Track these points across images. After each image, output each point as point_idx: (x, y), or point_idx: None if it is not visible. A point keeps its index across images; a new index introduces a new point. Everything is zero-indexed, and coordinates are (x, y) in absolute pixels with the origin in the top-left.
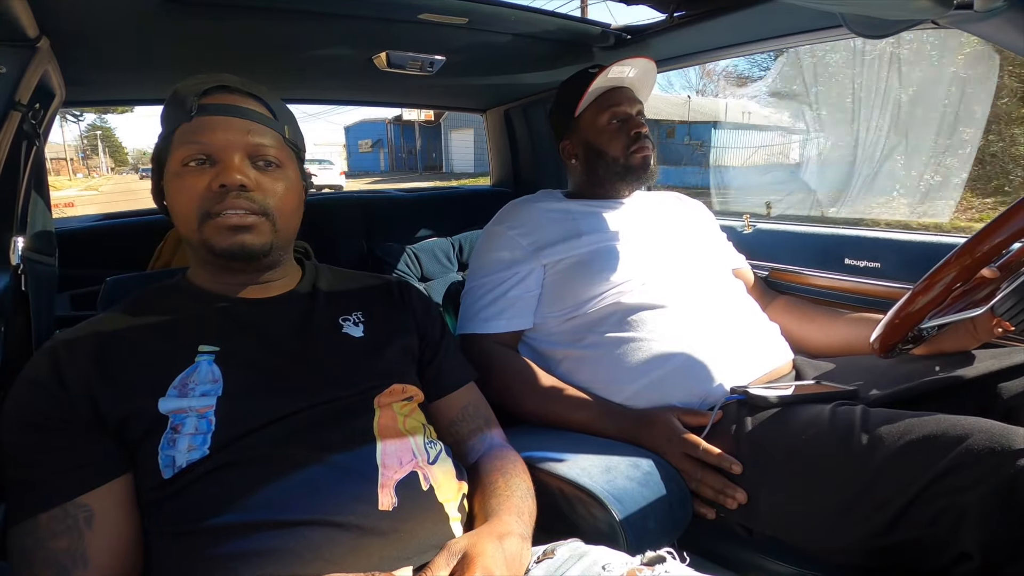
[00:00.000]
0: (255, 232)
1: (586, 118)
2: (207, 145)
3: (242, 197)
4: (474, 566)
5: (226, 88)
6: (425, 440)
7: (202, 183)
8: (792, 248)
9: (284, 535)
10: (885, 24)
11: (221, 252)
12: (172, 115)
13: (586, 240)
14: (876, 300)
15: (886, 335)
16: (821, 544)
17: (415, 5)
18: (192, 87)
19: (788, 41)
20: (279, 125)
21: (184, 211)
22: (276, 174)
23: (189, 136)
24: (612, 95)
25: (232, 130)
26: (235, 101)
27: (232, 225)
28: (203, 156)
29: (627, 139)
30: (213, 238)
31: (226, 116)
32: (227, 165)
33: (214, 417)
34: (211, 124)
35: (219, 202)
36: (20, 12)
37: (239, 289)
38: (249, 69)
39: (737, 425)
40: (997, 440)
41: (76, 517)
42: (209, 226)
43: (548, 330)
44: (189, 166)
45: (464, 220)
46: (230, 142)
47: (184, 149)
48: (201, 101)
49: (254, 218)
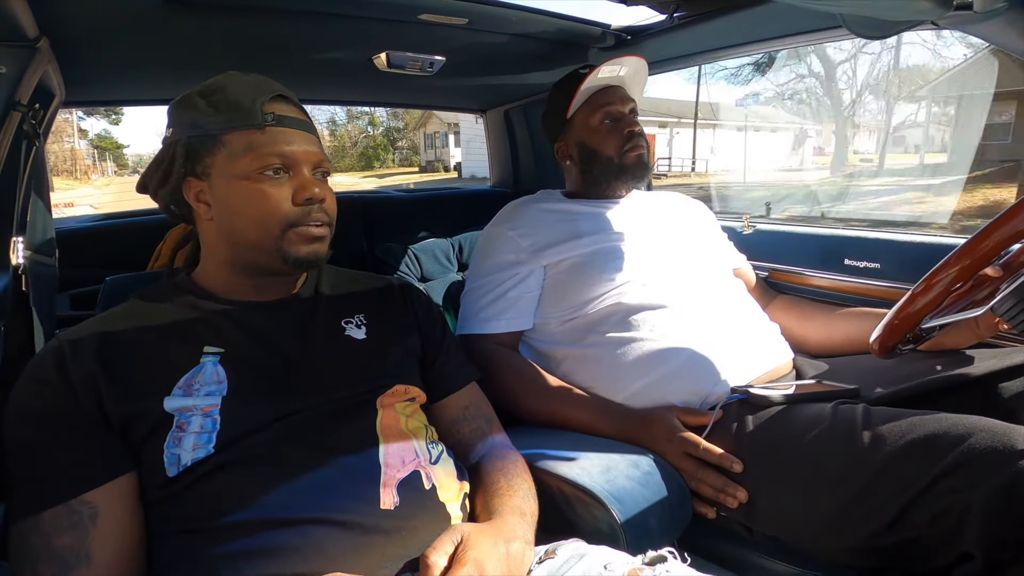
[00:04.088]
0: (324, 242)
1: (579, 119)
2: (287, 157)
3: (321, 210)
4: (465, 557)
5: (284, 98)
6: (427, 440)
7: (284, 193)
8: (792, 248)
9: (287, 533)
10: (885, 25)
11: (299, 260)
12: (227, 116)
13: (586, 241)
14: (876, 301)
15: (886, 336)
16: (822, 544)
17: (415, 5)
18: (249, 91)
19: (788, 42)
20: (318, 133)
21: (264, 217)
22: (328, 185)
23: (266, 146)
24: (604, 94)
25: (304, 143)
26: (298, 114)
27: (314, 236)
28: (284, 168)
29: (621, 138)
30: (292, 247)
31: (299, 129)
32: (307, 179)
33: (219, 416)
34: (287, 137)
35: (305, 215)
36: (20, 12)
37: (247, 293)
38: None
39: (738, 424)
40: (999, 439)
41: (80, 514)
42: (291, 235)
43: (549, 330)
44: (268, 175)
45: (464, 220)
46: (306, 155)
47: (262, 159)
48: (266, 109)
49: (326, 229)
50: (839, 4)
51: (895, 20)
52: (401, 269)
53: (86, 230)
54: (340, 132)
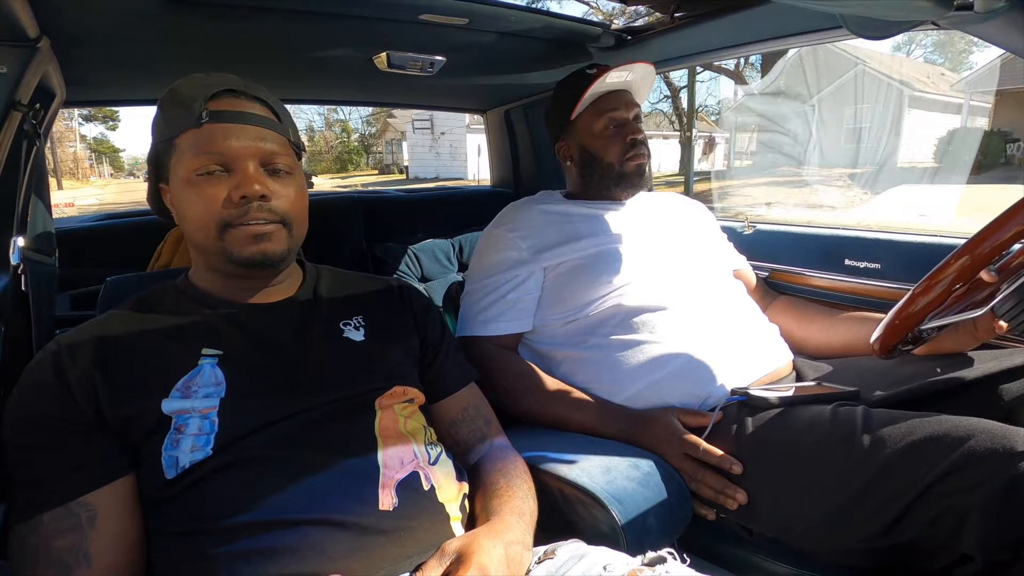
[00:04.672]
0: (274, 240)
1: (583, 121)
2: (223, 155)
3: (263, 208)
4: (469, 562)
5: (232, 92)
6: (426, 441)
7: (221, 193)
8: (792, 249)
9: (286, 534)
10: (885, 25)
11: (242, 261)
12: (175, 118)
13: (586, 243)
14: (876, 301)
15: (886, 336)
16: (822, 545)
17: (415, 5)
18: (196, 90)
19: (788, 42)
20: (284, 128)
21: (201, 220)
22: (288, 180)
23: (202, 144)
24: (610, 99)
25: (247, 138)
26: (244, 107)
27: (254, 234)
28: (219, 166)
29: (623, 146)
30: (235, 247)
31: (240, 124)
32: (246, 175)
33: (217, 418)
34: (225, 132)
35: (242, 214)
36: (20, 12)
37: (243, 294)
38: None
39: (738, 426)
40: (999, 441)
41: (79, 516)
42: (230, 235)
43: (548, 332)
44: (204, 175)
45: (464, 220)
46: (246, 151)
47: (198, 158)
48: (210, 106)
49: (273, 226)
50: (839, 4)
51: (895, 20)
52: (401, 269)
53: (86, 230)
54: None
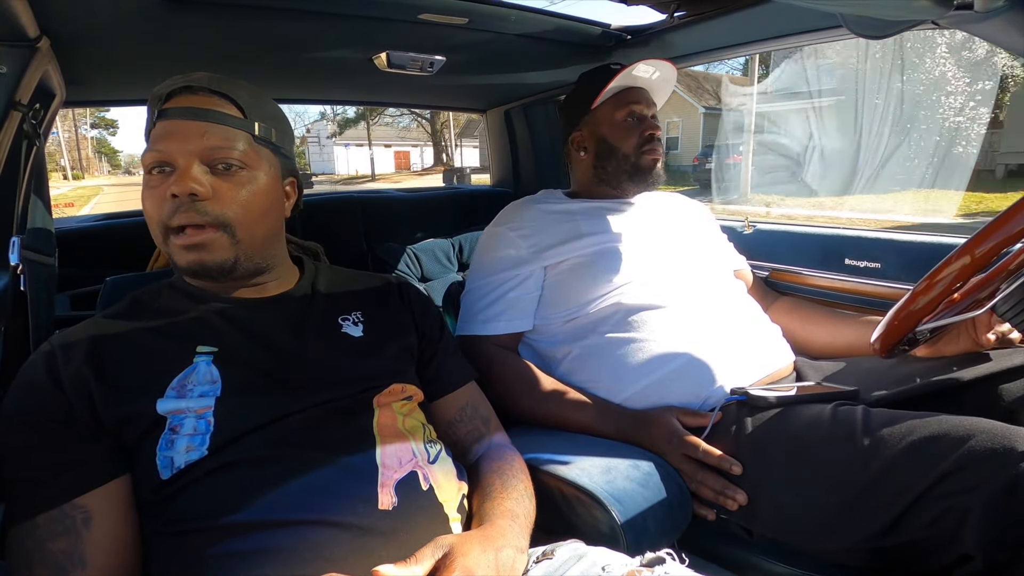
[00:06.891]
0: (210, 249)
1: (603, 111)
2: (161, 152)
3: (193, 209)
4: (455, 565)
5: (190, 89)
6: (425, 440)
7: (162, 192)
8: (792, 248)
9: (283, 535)
10: (885, 24)
11: (184, 270)
12: (147, 118)
13: (587, 241)
14: (876, 301)
15: (887, 335)
16: (822, 545)
17: (415, 5)
18: (163, 89)
19: (788, 41)
20: (247, 123)
21: (152, 221)
22: (239, 178)
23: (151, 143)
24: (632, 93)
25: (187, 135)
26: (196, 103)
27: (187, 244)
28: (162, 164)
29: (640, 138)
30: (175, 255)
31: (183, 120)
32: (180, 173)
33: (213, 418)
34: (168, 129)
35: (173, 214)
36: (20, 12)
37: (233, 291)
38: (249, 69)
39: (737, 426)
40: (1000, 441)
41: (74, 518)
42: (172, 243)
43: (549, 331)
44: (152, 174)
45: (464, 220)
46: (182, 147)
47: (146, 157)
48: (164, 105)
49: (209, 234)
50: (839, 4)
51: (895, 20)
52: (401, 269)
53: (86, 230)
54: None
